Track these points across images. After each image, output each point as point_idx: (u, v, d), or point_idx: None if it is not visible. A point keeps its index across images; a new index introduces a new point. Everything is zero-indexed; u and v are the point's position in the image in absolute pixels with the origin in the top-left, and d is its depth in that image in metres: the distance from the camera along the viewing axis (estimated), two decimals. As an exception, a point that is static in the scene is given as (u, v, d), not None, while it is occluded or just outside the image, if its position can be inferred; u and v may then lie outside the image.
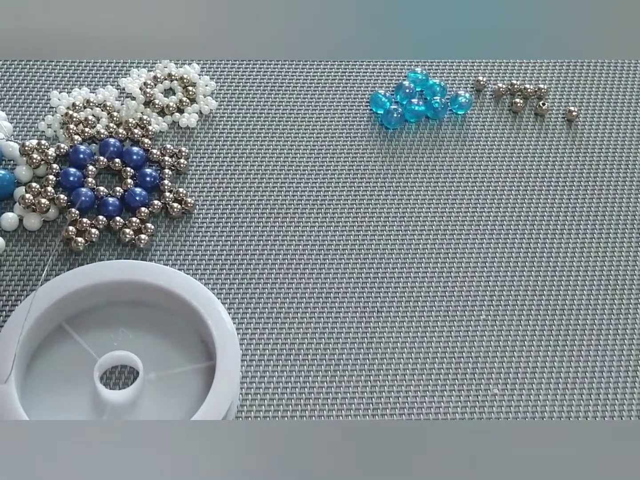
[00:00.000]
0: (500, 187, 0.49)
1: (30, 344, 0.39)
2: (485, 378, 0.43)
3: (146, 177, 0.47)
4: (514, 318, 0.45)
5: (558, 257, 0.47)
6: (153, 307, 0.42)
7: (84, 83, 0.51)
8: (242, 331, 0.43)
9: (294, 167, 0.49)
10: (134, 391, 0.39)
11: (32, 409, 0.38)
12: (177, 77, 0.51)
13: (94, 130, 0.48)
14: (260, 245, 0.46)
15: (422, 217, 0.48)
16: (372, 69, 0.54)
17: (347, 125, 0.51)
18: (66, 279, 0.40)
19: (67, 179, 0.46)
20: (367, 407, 0.41)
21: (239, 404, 0.41)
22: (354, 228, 0.47)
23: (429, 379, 0.42)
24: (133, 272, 0.41)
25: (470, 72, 0.54)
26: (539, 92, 0.53)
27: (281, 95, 0.52)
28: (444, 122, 0.52)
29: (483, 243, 0.47)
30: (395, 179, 0.49)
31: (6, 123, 0.48)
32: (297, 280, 0.45)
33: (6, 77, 0.51)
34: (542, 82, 0.54)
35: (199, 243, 0.46)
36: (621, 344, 0.44)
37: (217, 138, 0.50)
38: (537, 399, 0.42)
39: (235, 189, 0.48)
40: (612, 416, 0.42)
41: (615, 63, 0.56)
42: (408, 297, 0.45)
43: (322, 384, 0.42)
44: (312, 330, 0.43)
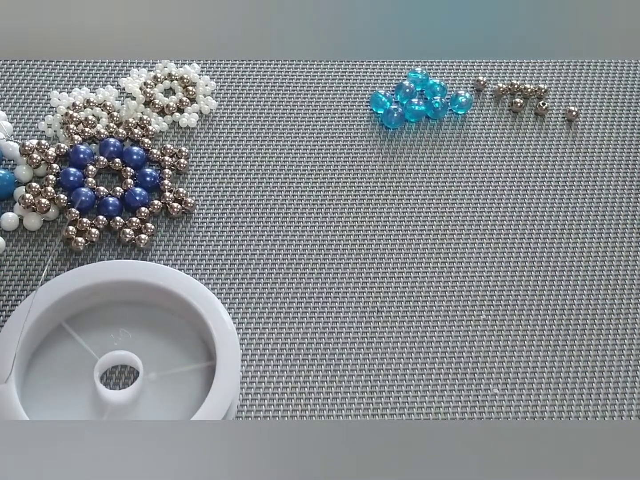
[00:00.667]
0: (500, 187, 0.49)
1: (30, 344, 0.39)
2: (485, 378, 0.43)
3: (146, 177, 0.47)
4: (514, 318, 0.45)
5: (558, 257, 0.47)
6: (153, 307, 0.42)
7: (84, 83, 0.51)
8: (242, 331, 0.43)
9: (294, 167, 0.49)
10: (134, 391, 0.39)
11: (32, 409, 0.38)
12: (177, 77, 0.51)
13: (94, 130, 0.48)
14: (260, 245, 0.46)
15: (422, 217, 0.48)
16: (372, 69, 0.54)
17: (347, 125, 0.51)
18: (66, 279, 0.40)
19: (67, 178, 0.46)
20: (367, 407, 0.41)
21: (239, 404, 0.41)
22: (354, 228, 0.47)
23: (429, 379, 0.42)
24: (133, 272, 0.41)
25: (470, 72, 0.54)
26: (539, 92, 0.53)
27: (281, 95, 0.52)
28: (444, 122, 0.52)
29: (483, 243, 0.47)
30: (395, 179, 0.49)
31: (6, 123, 0.48)
32: (297, 280, 0.45)
33: (6, 77, 0.51)
34: (542, 82, 0.54)
35: (199, 243, 0.46)
36: (621, 344, 0.44)
37: (217, 138, 0.50)
38: (537, 399, 0.42)
39: (235, 189, 0.48)
40: (612, 416, 0.42)
41: (615, 63, 0.56)
42: (408, 297, 0.45)
43: (322, 384, 0.42)
44: (312, 330, 0.43)
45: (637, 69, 0.55)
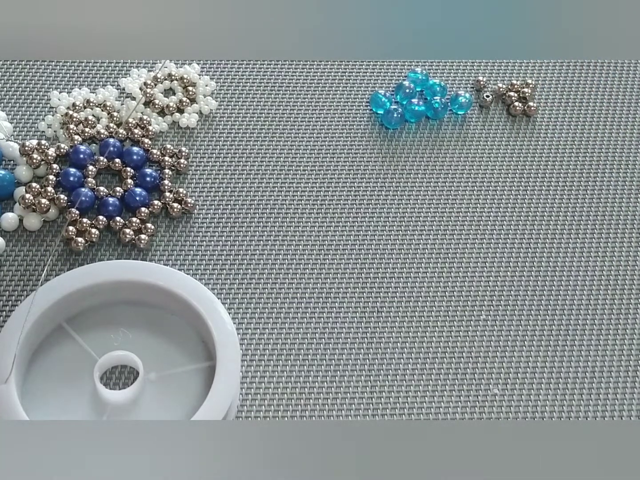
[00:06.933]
0: (500, 187, 0.49)
1: (30, 344, 0.39)
2: (485, 378, 0.43)
3: (146, 177, 0.47)
4: (514, 318, 0.45)
5: (558, 257, 0.47)
6: (153, 307, 0.42)
7: (84, 83, 0.51)
8: (242, 331, 0.43)
9: (294, 167, 0.49)
10: (134, 391, 0.39)
11: (32, 409, 0.38)
12: (177, 77, 0.51)
13: (94, 130, 0.48)
14: (260, 245, 0.46)
15: (422, 217, 0.48)
16: (372, 69, 0.54)
17: (347, 125, 0.51)
18: (66, 279, 0.40)
19: (67, 179, 0.46)
20: (367, 407, 0.41)
21: (239, 404, 0.41)
22: (354, 228, 0.47)
23: (429, 379, 0.42)
24: (133, 272, 0.41)
25: (470, 72, 0.54)
26: (538, 91, 0.53)
27: (281, 95, 0.52)
28: (444, 122, 0.52)
29: (483, 243, 0.47)
30: (395, 179, 0.49)
31: (6, 123, 0.48)
32: (297, 280, 0.45)
33: (6, 77, 0.51)
34: (542, 82, 0.54)
35: (199, 243, 0.46)
36: (621, 344, 0.44)
37: (217, 138, 0.50)
38: (537, 399, 0.42)
39: (235, 189, 0.48)
40: (612, 416, 0.42)
41: (615, 63, 0.56)
42: (408, 297, 0.45)
43: (322, 384, 0.42)
44: (312, 330, 0.43)
45: (637, 69, 0.55)
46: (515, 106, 0.52)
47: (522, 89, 0.53)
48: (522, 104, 0.52)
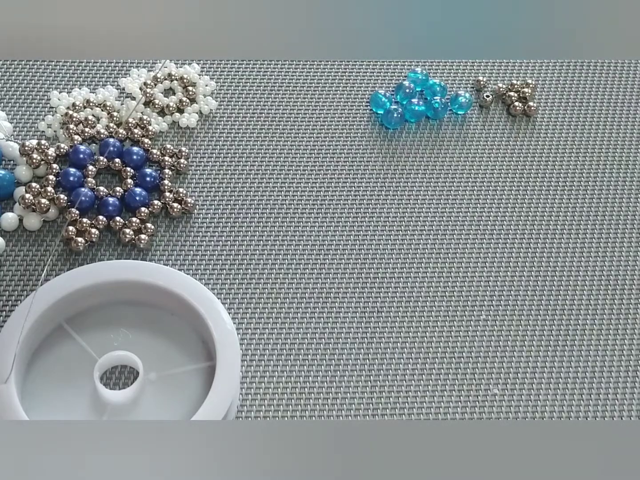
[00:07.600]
0: (500, 187, 0.49)
1: (30, 344, 0.39)
2: (485, 378, 0.43)
3: (146, 177, 0.47)
4: (514, 318, 0.45)
5: (558, 257, 0.47)
6: (153, 307, 0.42)
7: (84, 83, 0.51)
8: (242, 331, 0.43)
9: (294, 167, 0.49)
10: (134, 391, 0.39)
11: (32, 409, 0.38)
12: (177, 77, 0.51)
13: (94, 130, 0.48)
14: (260, 245, 0.46)
15: (422, 217, 0.48)
16: (372, 69, 0.54)
17: (347, 125, 0.51)
18: (66, 279, 0.40)
19: (67, 179, 0.46)
20: (367, 407, 0.41)
21: (239, 404, 0.41)
22: (354, 228, 0.47)
23: (429, 379, 0.42)
24: (133, 272, 0.41)
25: (470, 72, 0.54)
26: (538, 91, 0.53)
27: (281, 95, 0.52)
28: (444, 122, 0.52)
29: (483, 243, 0.47)
30: (395, 179, 0.49)
31: (6, 123, 0.48)
32: (297, 280, 0.45)
33: (6, 77, 0.51)
34: (542, 82, 0.54)
35: (199, 243, 0.46)
36: (621, 344, 0.44)
37: (217, 138, 0.50)
38: (537, 399, 0.42)
39: (235, 189, 0.48)
40: (612, 416, 0.42)
41: (615, 63, 0.56)
42: (408, 297, 0.45)
43: (322, 384, 0.42)
44: (312, 330, 0.43)
45: (637, 69, 0.55)
46: (515, 106, 0.52)
47: (522, 89, 0.53)
48: (522, 104, 0.52)
